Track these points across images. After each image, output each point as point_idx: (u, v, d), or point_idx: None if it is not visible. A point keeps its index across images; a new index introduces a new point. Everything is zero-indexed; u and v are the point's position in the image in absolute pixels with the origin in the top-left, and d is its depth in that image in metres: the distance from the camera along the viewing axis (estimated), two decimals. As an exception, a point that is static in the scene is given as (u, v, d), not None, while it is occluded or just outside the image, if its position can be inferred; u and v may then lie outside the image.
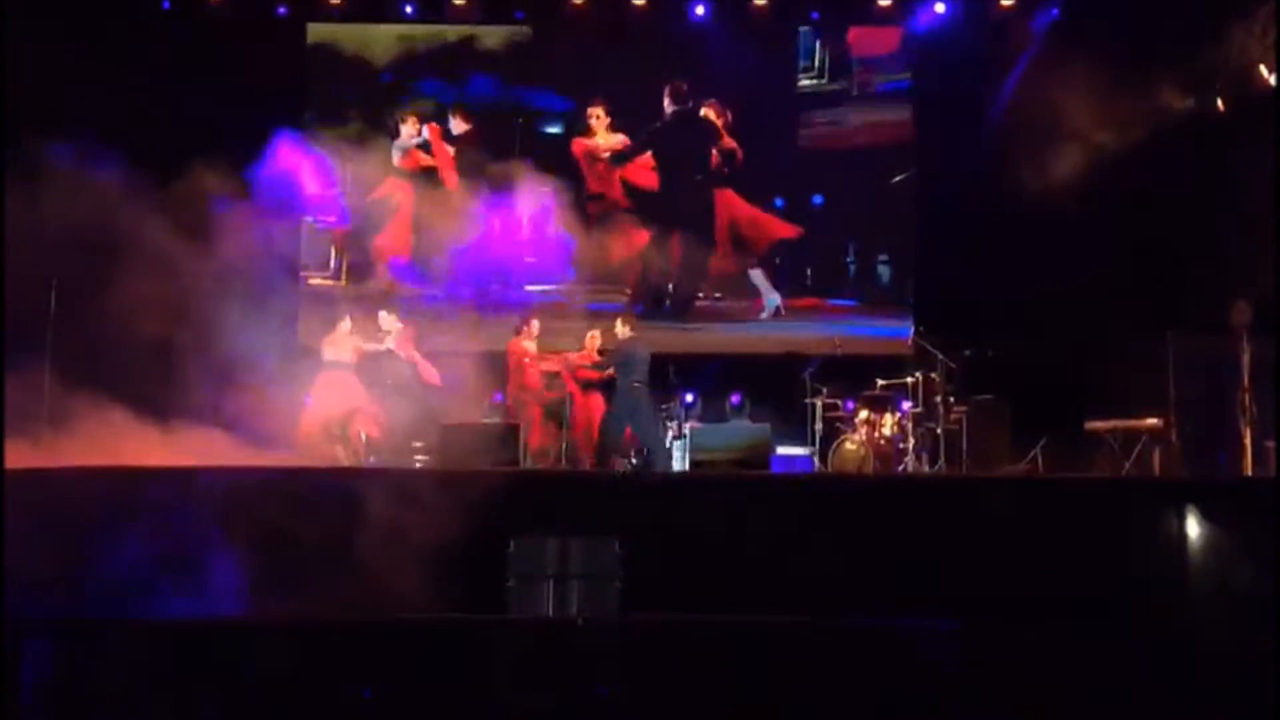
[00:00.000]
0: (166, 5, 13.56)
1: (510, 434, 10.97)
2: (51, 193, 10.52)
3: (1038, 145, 12.39)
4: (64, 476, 8.74)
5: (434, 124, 14.09)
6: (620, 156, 14.04)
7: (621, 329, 11.73)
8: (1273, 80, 11.41)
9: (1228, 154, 11.77)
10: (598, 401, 11.93)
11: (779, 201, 14.04)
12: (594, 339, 12.18)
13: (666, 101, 13.96)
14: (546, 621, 7.94)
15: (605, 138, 14.04)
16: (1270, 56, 11.51)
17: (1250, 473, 10.21)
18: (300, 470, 9.84)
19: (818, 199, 14.07)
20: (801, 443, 11.92)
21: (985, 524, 8.55)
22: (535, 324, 12.31)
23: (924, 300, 13.66)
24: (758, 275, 14.05)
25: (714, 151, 13.91)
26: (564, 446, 11.80)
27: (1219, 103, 11.70)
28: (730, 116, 13.93)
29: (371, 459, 11.20)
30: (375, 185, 14.01)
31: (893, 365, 12.34)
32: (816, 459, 11.72)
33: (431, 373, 11.92)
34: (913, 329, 12.94)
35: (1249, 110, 11.72)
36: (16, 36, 10.22)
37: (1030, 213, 12.52)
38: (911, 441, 11.68)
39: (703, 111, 13.92)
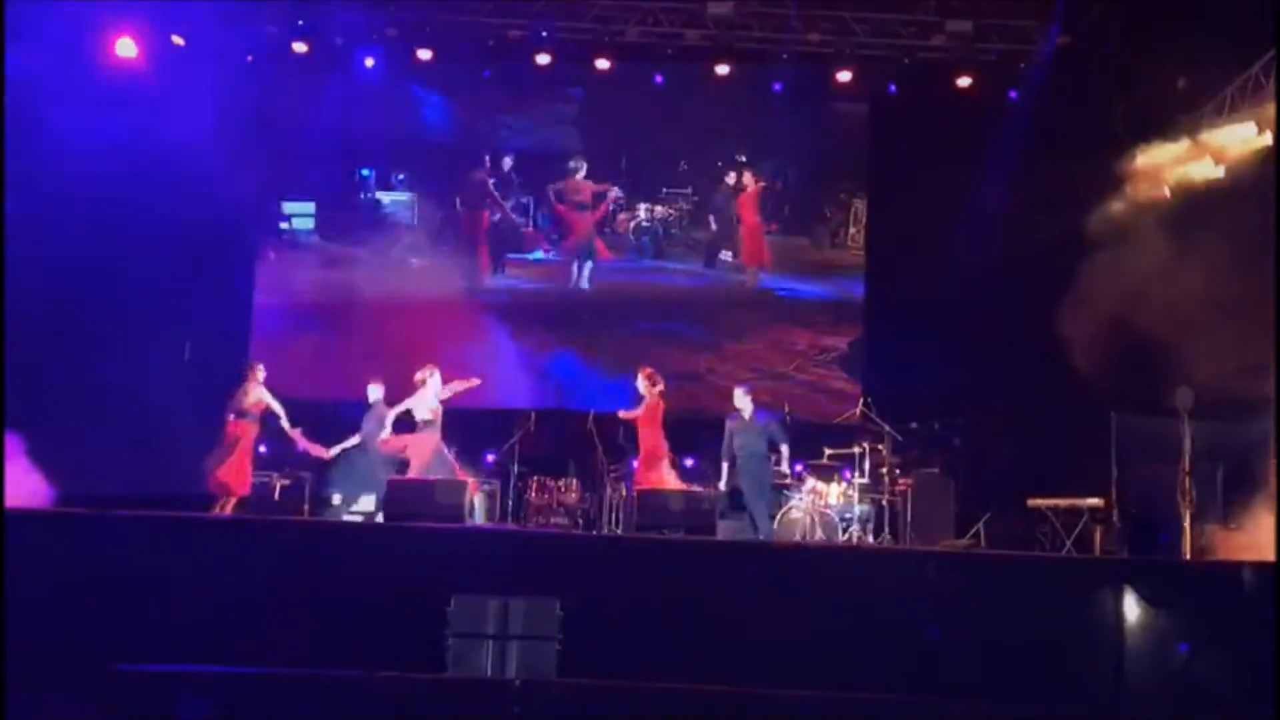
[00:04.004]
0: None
1: (457, 489, 10.87)
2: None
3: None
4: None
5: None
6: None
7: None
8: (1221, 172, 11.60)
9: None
10: None
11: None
12: None
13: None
14: (484, 681, 7.87)
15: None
16: None
17: (1189, 556, 10.31)
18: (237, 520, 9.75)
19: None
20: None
21: (925, 596, 8.58)
22: None
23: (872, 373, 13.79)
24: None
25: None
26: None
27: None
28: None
29: None
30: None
31: (841, 435, 12.40)
32: None
33: None
34: (861, 401, 12.99)
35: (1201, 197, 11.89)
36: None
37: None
38: (856, 511, 11.71)
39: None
